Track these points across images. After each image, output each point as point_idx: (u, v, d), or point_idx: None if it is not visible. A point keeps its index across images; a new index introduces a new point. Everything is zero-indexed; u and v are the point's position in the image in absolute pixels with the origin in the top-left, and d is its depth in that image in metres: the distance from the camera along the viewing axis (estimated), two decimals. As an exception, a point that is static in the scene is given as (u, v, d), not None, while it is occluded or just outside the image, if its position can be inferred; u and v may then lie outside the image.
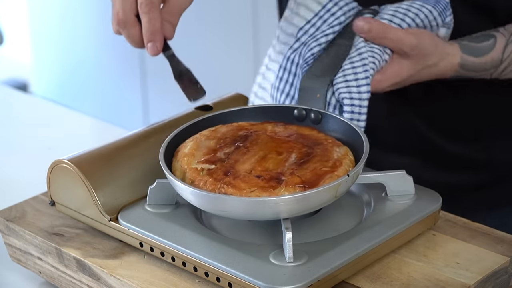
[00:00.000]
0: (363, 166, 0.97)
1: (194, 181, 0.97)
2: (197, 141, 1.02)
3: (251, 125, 1.05)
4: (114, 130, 1.60)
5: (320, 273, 0.90)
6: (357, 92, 1.09)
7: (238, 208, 0.93)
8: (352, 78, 1.09)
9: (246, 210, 0.93)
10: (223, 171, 0.96)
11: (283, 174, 0.95)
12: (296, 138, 1.02)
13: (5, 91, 1.87)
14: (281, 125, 1.05)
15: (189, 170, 0.98)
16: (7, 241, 1.10)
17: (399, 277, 0.96)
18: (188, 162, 0.99)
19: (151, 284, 0.96)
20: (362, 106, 1.09)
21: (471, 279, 0.95)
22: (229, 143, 1.01)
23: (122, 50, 3.31)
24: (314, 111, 1.06)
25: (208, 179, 0.96)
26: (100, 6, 3.37)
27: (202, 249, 0.95)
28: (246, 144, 1.01)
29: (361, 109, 1.09)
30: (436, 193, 1.05)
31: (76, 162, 1.03)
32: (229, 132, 1.04)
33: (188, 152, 1.01)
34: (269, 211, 0.93)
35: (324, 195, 0.93)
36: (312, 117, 1.06)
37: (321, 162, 0.97)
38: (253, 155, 0.99)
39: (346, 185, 0.95)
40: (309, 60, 1.12)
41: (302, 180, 0.94)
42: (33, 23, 3.66)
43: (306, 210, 0.94)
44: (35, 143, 1.52)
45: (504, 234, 1.03)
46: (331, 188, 0.93)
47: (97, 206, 1.02)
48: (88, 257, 1.01)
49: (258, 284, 0.89)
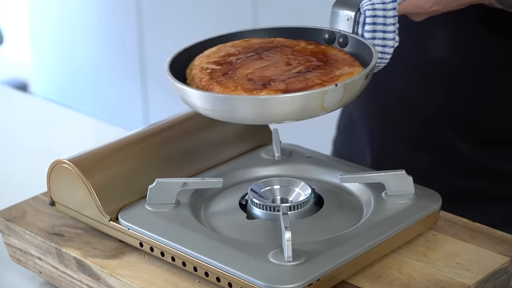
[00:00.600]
0: (360, 80, 0.93)
1: (194, 78, 0.96)
2: (221, 47, 1.02)
3: (285, 40, 1.04)
4: (114, 130, 1.60)
5: (319, 273, 0.90)
6: (381, 2, 1.02)
7: (212, 105, 0.92)
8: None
9: (220, 108, 0.92)
10: (223, 72, 0.96)
11: (275, 80, 0.94)
12: (316, 54, 1.00)
13: (5, 91, 1.87)
14: (313, 44, 1.03)
15: (196, 67, 0.97)
16: (7, 241, 1.10)
17: (399, 277, 0.96)
18: (200, 61, 0.98)
19: (151, 284, 0.96)
20: (387, 16, 1.02)
21: (471, 279, 0.95)
22: (250, 51, 1.00)
23: (122, 50, 3.31)
24: (341, 34, 1.04)
25: (205, 76, 0.95)
26: (100, 6, 3.37)
27: (202, 248, 0.95)
28: (264, 54, 1.00)
29: (386, 19, 1.02)
30: (436, 193, 1.05)
31: (76, 162, 1.03)
32: (259, 44, 1.03)
33: (206, 54, 1.00)
34: (244, 111, 0.91)
35: (304, 101, 0.91)
36: (340, 41, 1.04)
37: (320, 75, 0.95)
38: (261, 62, 0.98)
39: (335, 96, 0.92)
40: None
41: (287, 87, 0.92)
42: (33, 23, 3.66)
43: (287, 116, 0.92)
44: (35, 143, 1.52)
45: (504, 234, 1.03)
46: (314, 96, 0.90)
47: (97, 206, 1.02)
48: (88, 257, 1.01)
49: (257, 284, 0.89)
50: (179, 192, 1.03)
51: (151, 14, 3.17)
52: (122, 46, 3.30)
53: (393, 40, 1.03)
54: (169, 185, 1.02)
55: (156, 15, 3.15)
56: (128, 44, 3.26)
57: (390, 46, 1.03)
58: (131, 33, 3.23)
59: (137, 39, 3.22)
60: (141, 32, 3.20)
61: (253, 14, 2.83)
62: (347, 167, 1.11)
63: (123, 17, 3.26)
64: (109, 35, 3.35)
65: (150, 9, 3.17)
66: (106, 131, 1.62)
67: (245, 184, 1.09)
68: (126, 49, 3.29)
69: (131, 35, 3.23)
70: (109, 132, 1.59)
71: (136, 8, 3.19)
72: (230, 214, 1.03)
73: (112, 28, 3.32)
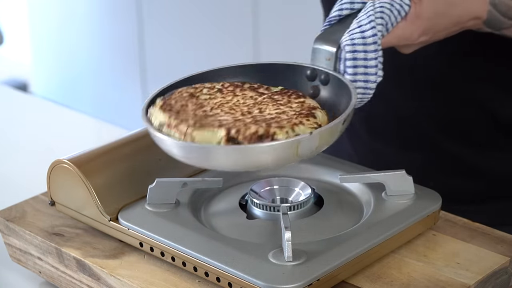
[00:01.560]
0: (336, 126, 0.92)
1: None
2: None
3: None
4: (114, 130, 1.60)
5: (319, 273, 0.90)
6: (361, 37, 1.00)
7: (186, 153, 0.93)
8: (355, 26, 1.02)
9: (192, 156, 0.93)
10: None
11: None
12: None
13: (5, 91, 1.87)
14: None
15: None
16: (7, 241, 1.10)
17: (399, 277, 0.96)
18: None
19: (151, 284, 0.96)
20: (368, 51, 1.00)
21: (471, 279, 0.95)
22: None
23: (122, 50, 3.31)
24: (322, 72, 1.02)
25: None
26: (100, 7, 3.37)
27: (202, 248, 0.95)
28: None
29: (367, 54, 1.00)
30: (436, 193, 1.05)
31: (76, 162, 1.03)
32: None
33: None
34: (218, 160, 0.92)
35: (279, 150, 0.90)
36: (322, 78, 1.03)
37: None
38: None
39: (309, 144, 0.90)
40: (333, 20, 1.07)
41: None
42: (33, 23, 3.66)
43: (260, 164, 0.92)
44: (35, 143, 1.52)
45: (504, 234, 1.03)
46: (288, 145, 0.89)
47: (97, 206, 1.02)
48: (88, 257, 1.01)
49: (257, 284, 0.89)
50: (179, 192, 1.03)
51: (151, 13, 3.17)
52: (122, 46, 3.30)
53: (375, 75, 1.01)
54: (169, 185, 1.02)
55: (156, 15, 3.15)
56: (129, 44, 3.26)
57: (373, 81, 1.01)
58: (131, 33, 3.23)
59: (137, 39, 3.22)
60: (141, 32, 3.20)
61: (253, 14, 2.83)
62: (347, 167, 1.11)
63: (123, 17, 3.26)
64: (109, 35, 3.35)
65: (150, 9, 3.17)
66: (106, 131, 1.62)
67: (245, 184, 1.09)
68: (126, 49, 3.29)
69: (131, 35, 3.23)
70: (109, 132, 1.59)
71: (136, 8, 3.19)
72: (230, 214, 1.03)
73: (112, 28, 3.32)
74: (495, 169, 1.25)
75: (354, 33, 1.01)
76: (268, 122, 0.92)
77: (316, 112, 0.96)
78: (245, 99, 0.99)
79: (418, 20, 1.02)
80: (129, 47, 3.26)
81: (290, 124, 0.92)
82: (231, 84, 1.02)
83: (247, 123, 0.92)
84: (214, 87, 1.02)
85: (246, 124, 0.92)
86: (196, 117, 0.95)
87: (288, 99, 0.99)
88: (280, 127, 0.91)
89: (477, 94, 1.21)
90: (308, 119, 0.94)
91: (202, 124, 0.92)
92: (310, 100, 0.99)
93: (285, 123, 0.92)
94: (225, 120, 0.94)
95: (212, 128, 0.91)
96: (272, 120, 0.93)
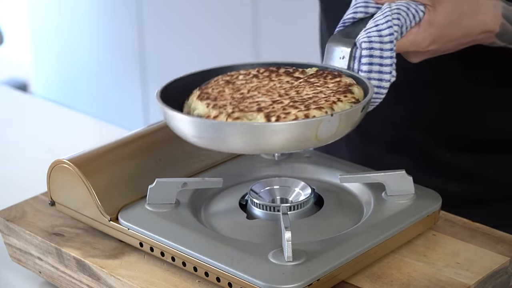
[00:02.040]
0: (356, 111, 0.92)
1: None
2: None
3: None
4: (114, 130, 1.60)
5: (319, 273, 0.90)
6: (378, 36, 1.00)
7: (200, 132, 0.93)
8: (372, 25, 1.02)
9: (208, 135, 0.92)
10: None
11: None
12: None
13: (5, 91, 1.87)
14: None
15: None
16: (7, 241, 1.10)
17: (399, 277, 0.96)
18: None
19: (151, 284, 0.96)
20: (384, 49, 1.01)
21: (471, 279, 0.95)
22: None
23: (122, 50, 3.31)
24: (336, 71, 1.02)
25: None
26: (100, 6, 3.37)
27: (202, 248, 0.95)
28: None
29: (383, 52, 1.00)
30: (436, 193, 1.05)
31: (76, 162, 1.04)
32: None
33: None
34: (233, 139, 0.91)
35: (298, 130, 0.89)
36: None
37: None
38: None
39: (330, 126, 0.90)
40: (346, 22, 1.07)
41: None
42: (33, 23, 3.66)
43: (279, 146, 0.91)
44: (35, 143, 1.52)
45: (504, 234, 1.03)
46: (308, 125, 0.88)
47: (97, 206, 1.02)
48: (88, 257, 1.01)
49: (257, 284, 0.89)
50: (179, 192, 1.03)
51: (151, 13, 3.17)
52: (123, 46, 3.30)
53: (390, 74, 1.01)
54: (169, 185, 1.02)
55: (156, 14, 3.15)
56: (129, 44, 3.26)
57: (387, 80, 1.02)
58: (132, 33, 3.23)
59: (137, 39, 3.22)
60: (141, 32, 3.20)
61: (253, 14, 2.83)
62: (347, 167, 1.11)
63: (123, 17, 3.26)
64: (109, 35, 3.35)
65: (150, 9, 3.17)
66: (106, 131, 1.62)
67: (245, 184, 1.09)
68: (127, 49, 3.29)
69: (131, 35, 3.23)
70: (109, 132, 1.59)
71: (136, 8, 3.19)
72: (230, 214, 1.03)
73: (112, 28, 3.32)
74: (486, 174, 1.25)
75: (371, 31, 1.01)
76: (307, 103, 0.92)
77: (353, 88, 0.97)
78: (281, 83, 1.00)
79: (431, 27, 1.03)
80: (129, 47, 3.26)
81: (329, 102, 0.92)
82: (266, 70, 1.03)
83: (285, 106, 0.92)
84: (249, 73, 1.03)
85: (284, 108, 0.92)
86: (234, 101, 0.95)
87: (324, 80, 0.99)
88: (318, 107, 0.91)
89: (464, 99, 1.21)
90: (345, 95, 0.95)
91: (240, 110, 0.92)
92: (346, 78, 1.00)
93: (324, 102, 0.92)
94: (263, 101, 0.94)
95: (251, 113, 0.91)
96: (310, 100, 0.93)
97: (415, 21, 1.03)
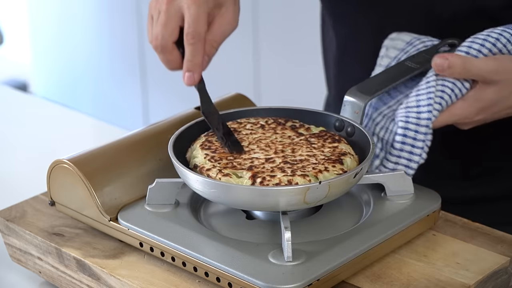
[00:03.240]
0: (347, 178, 0.95)
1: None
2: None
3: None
4: (114, 130, 1.60)
5: (319, 273, 0.90)
6: (416, 118, 1.05)
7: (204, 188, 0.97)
8: (413, 104, 1.05)
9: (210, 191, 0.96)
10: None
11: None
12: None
13: (5, 91, 1.87)
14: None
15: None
16: (7, 241, 1.10)
17: (399, 277, 0.96)
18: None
19: (151, 284, 0.96)
20: (418, 132, 1.05)
21: (471, 279, 0.95)
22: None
23: (122, 50, 3.31)
24: (349, 124, 1.06)
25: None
26: (100, 6, 3.37)
27: (202, 249, 0.95)
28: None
29: (417, 135, 1.05)
30: (436, 193, 1.05)
31: (76, 162, 1.04)
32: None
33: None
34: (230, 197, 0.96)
35: (286, 195, 0.93)
36: (348, 130, 1.07)
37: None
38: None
39: (318, 192, 0.93)
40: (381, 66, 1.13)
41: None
42: (33, 23, 3.66)
43: (266, 206, 0.96)
44: (35, 143, 1.52)
45: (504, 234, 1.03)
46: (296, 191, 0.93)
47: (97, 206, 1.02)
48: (88, 257, 1.01)
49: (257, 284, 0.89)
50: (179, 192, 1.03)
51: (151, 14, 3.17)
52: (122, 46, 3.30)
53: (419, 156, 1.06)
54: (169, 185, 1.02)
55: (156, 15, 3.15)
56: (128, 44, 3.26)
57: (415, 161, 1.06)
58: (131, 33, 3.23)
59: (137, 39, 3.22)
60: (141, 32, 3.20)
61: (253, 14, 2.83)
62: (347, 167, 1.11)
63: (123, 17, 3.26)
64: (109, 35, 3.35)
65: (150, 9, 3.16)
66: (106, 131, 1.62)
67: (245, 184, 1.09)
68: (126, 49, 3.29)
69: (131, 35, 3.23)
70: (109, 132, 1.59)
71: (136, 8, 3.19)
72: (230, 214, 1.03)
73: (112, 28, 3.32)
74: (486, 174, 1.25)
75: (410, 111, 1.05)
76: (295, 168, 0.96)
77: (345, 158, 1.00)
78: (283, 138, 1.04)
79: (477, 103, 1.06)
80: (129, 47, 3.26)
81: (315, 171, 0.96)
82: (274, 121, 1.08)
83: (274, 167, 0.97)
84: (258, 122, 1.08)
85: (273, 170, 0.96)
86: (230, 155, 1.00)
87: (323, 143, 1.03)
88: (303, 175, 0.95)
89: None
90: (334, 165, 0.98)
91: (233, 166, 0.98)
92: (344, 145, 1.03)
93: (310, 169, 0.96)
94: (256, 159, 0.99)
95: (242, 170, 0.97)
96: (299, 164, 0.97)
97: (457, 97, 1.06)
